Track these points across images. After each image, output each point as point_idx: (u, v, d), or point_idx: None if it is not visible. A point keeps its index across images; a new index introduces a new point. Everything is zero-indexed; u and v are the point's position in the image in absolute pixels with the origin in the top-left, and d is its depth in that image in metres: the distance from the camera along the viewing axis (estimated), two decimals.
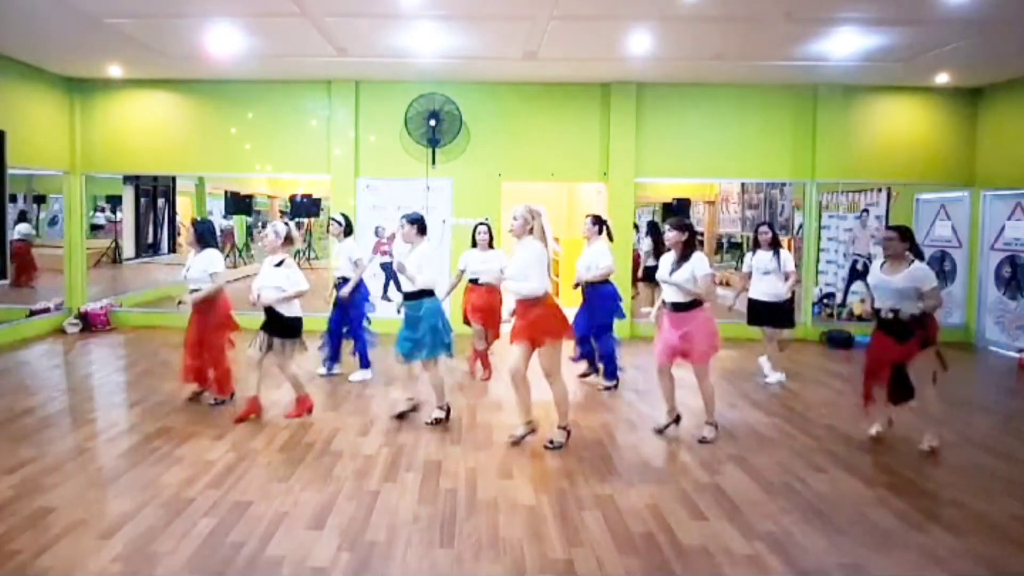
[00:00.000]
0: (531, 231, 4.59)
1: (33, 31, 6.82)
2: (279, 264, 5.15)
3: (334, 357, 6.58)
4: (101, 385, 6.36)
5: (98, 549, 3.26)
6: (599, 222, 6.29)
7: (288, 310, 5.15)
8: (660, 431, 5.06)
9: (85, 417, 5.29)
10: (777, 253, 6.55)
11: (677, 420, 5.08)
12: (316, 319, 6.64)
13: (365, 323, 6.49)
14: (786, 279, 6.54)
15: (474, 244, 6.55)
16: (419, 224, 5.20)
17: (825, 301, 9.37)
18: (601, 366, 6.32)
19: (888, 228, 4.88)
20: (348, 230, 6.53)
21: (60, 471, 4.17)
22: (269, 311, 5.14)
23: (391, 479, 4.17)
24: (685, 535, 3.52)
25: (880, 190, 9.10)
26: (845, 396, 6.01)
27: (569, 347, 6.14)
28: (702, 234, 15.06)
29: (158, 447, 4.61)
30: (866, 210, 9.29)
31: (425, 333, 5.06)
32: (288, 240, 5.22)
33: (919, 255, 4.70)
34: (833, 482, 4.26)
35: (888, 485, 4.21)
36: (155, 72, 8.60)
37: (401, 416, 5.31)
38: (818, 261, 9.37)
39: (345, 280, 6.32)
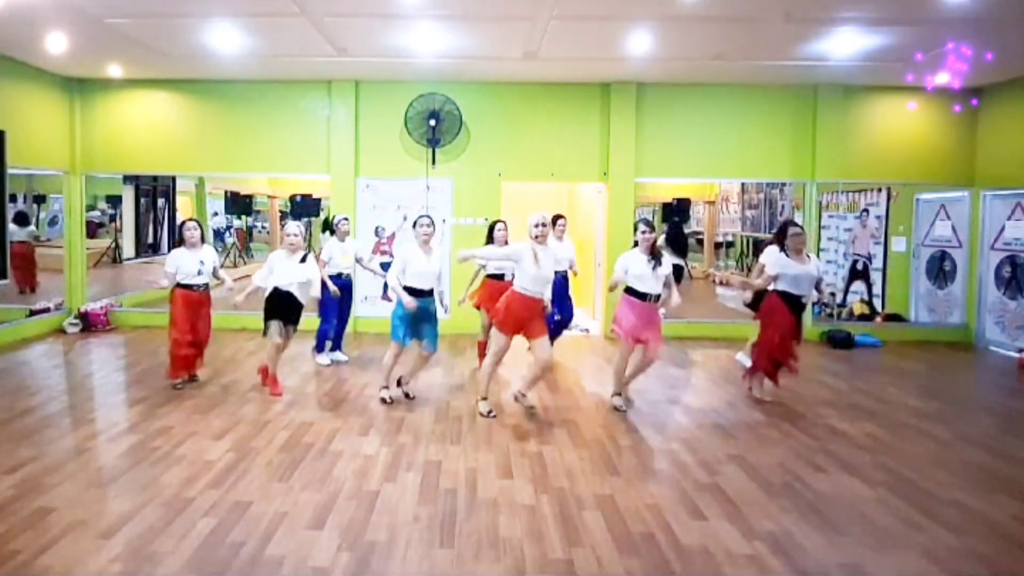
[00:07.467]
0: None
1: (33, 31, 6.81)
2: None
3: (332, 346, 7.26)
4: (101, 385, 6.36)
5: (98, 549, 3.26)
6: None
7: None
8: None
9: (85, 417, 5.29)
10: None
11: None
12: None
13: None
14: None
15: (490, 240, 6.69)
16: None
17: (825, 301, 9.37)
18: None
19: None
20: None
21: (60, 471, 4.17)
22: None
23: (391, 479, 4.17)
24: (685, 535, 3.52)
25: (880, 190, 9.11)
26: (845, 396, 6.00)
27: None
28: (701, 234, 15.09)
29: (158, 447, 4.61)
30: (866, 210, 9.30)
31: None
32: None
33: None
34: (833, 482, 4.26)
35: (888, 485, 4.21)
36: (155, 72, 8.60)
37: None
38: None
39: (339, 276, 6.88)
